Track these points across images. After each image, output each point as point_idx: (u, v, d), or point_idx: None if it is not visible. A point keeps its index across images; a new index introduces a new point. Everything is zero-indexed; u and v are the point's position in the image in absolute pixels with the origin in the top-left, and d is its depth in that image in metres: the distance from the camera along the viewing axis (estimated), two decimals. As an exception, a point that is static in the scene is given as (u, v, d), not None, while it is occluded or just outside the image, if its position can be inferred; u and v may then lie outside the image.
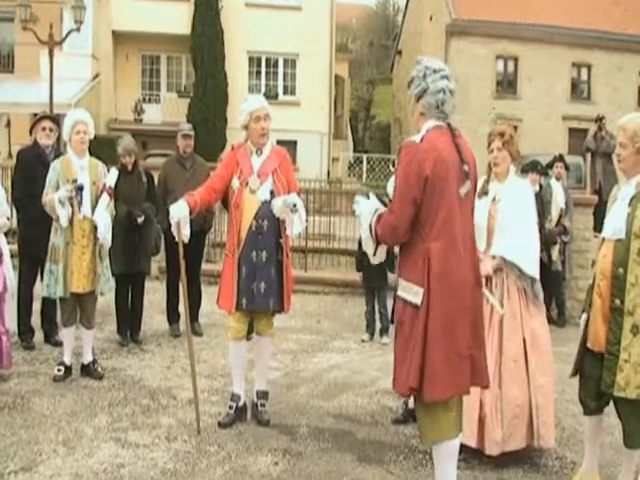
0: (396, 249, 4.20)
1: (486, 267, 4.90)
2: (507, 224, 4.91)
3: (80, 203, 6.11)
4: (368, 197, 4.16)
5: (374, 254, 4.11)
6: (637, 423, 4.18)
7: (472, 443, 4.80)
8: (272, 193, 5.29)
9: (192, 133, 8.14)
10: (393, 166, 20.42)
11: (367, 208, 4.05)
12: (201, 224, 7.44)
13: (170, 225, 5.30)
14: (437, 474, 3.98)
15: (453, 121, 3.92)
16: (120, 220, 7.03)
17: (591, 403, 4.35)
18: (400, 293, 3.88)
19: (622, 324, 4.06)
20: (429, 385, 3.72)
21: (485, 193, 5.11)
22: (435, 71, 3.87)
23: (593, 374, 4.23)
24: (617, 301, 4.09)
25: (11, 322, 6.52)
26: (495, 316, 4.88)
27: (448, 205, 3.77)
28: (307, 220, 6.15)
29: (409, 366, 3.75)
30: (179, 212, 5.13)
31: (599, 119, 14.76)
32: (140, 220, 7.38)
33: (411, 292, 3.78)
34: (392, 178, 11.71)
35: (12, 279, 6.37)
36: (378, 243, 4.00)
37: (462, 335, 3.80)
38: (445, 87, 3.85)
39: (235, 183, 5.31)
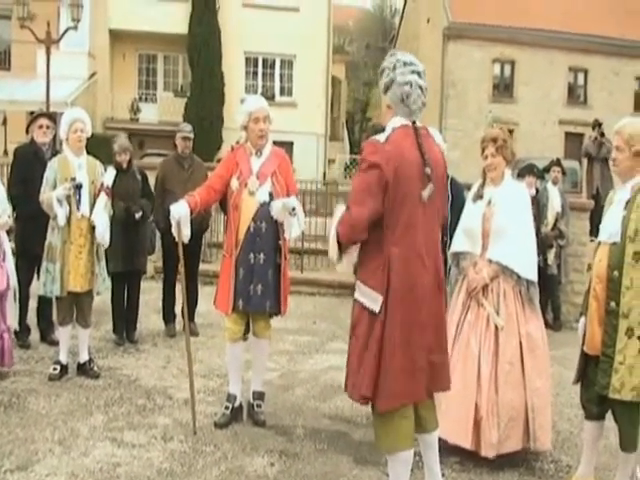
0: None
1: (483, 275, 4.92)
2: (503, 228, 4.90)
3: (78, 202, 6.11)
4: None
5: (339, 259, 3.90)
6: (632, 426, 4.22)
7: (467, 445, 4.80)
8: (271, 195, 5.29)
9: (192, 135, 8.13)
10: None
11: (337, 213, 3.88)
12: (199, 223, 7.43)
13: (168, 225, 5.31)
14: None
15: (434, 124, 3.89)
16: (118, 216, 7.03)
17: (593, 408, 4.36)
18: (358, 296, 3.76)
19: (617, 327, 4.09)
20: (382, 396, 3.63)
21: (480, 197, 5.10)
22: (405, 64, 3.75)
23: (594, 379, 4.24)
24: (612, 304, 4.12)
25: (13, 320, 6.51)
26: (491, 320, 4.89)
27: (410, 210, 3.65)
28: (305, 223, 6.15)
29: (363, 374, 3.64)
30: (180, 212, 5.13)
31: (597, 125, 14.74)
32: (138, 216, 7.39)
33: (370, 297, 3.68)
34: None
35: (14, 277, 6.36)
36: (340, 244, 3.81)
37: (421, 344, 3.69)
38: (413, 81, 3.70)
39: (234, 184, 5.31)
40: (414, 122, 3.76)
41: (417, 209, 3.67)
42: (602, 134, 14.49)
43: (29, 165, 7.00)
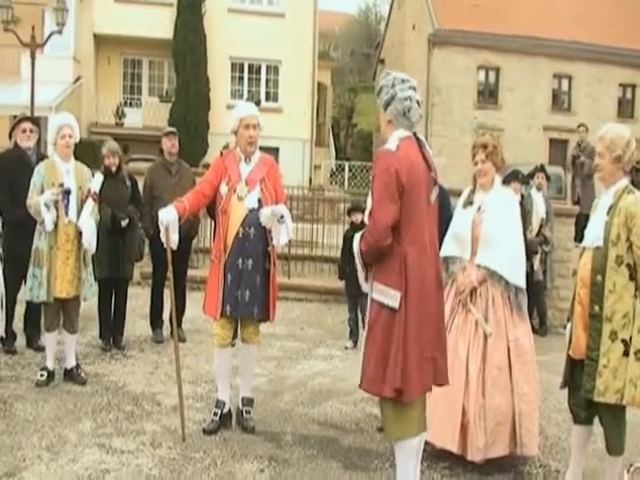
0: None
1: (471, 279, 4.95)
2: (492, 234, 4.94)
3: (67, 207, 6.09)
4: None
5: (366, 280, 4.09)
6: (618, 429, 4.28)
7: (454, 449, 4.83)
8: (260, 202, 5.30)
9: (175, 130, 8.15)
10: (373, 176, 20.43)
11: (355, 243, 4.10)
12: (187, 229, 7.41)
13: (156, 231, 5.31)
14: (398, 471, 4.08)
15: (420, 131, 4.11)
16: (104, 223, 6.99)
17: (581, 412, 4.40)
18: (375, 296, 3.97)
19: (601, 330, 4.16)
20: (409, 386, 3.87)
21: (470, 203, 5.15)
22: (403, 81, 4.08)
23: (581, 383, 4.27)
24: (596, 308, 4.18)
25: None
26: (480, 325, 4.92)
27: (419, 211, 3.96)
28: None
29: (393, 368, 3.84)
30: (168, 217, 5.13)
31: (581, 125, 14.72)
32: (124, 223, 7.35)
33: (388, 295, 3.89)
34: None
35: (1, 284, 6.32)
36: (365, 264, 4.03)
37: (427, 338, 3.94)
38: (412, 96, 4.03)
39: (223, 189, 5.32)
40: (414, 133, 4.08)
41: (424, 211, 3.99)
42: (582, 148, 14.14)
43: (14, 170, 6.94)
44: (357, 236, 4.10)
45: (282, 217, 5.23)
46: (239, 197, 5.28)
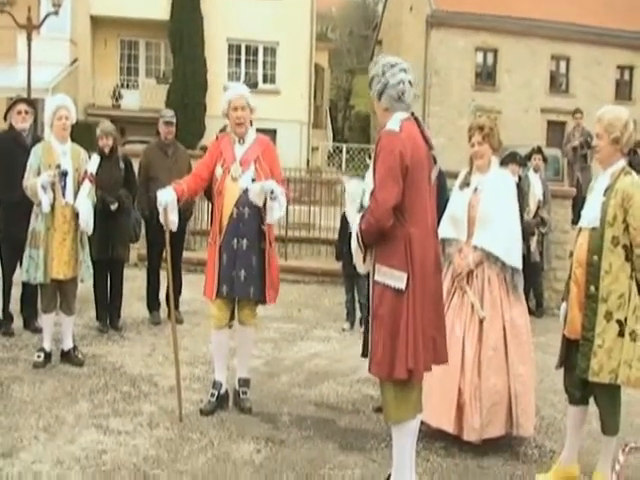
0: None
1: (468, 261, 4.96)
2: (489, 215, 4.95)
3: (64, 189, 6.07)
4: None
5: (364, 261, 4.07)
6: (612, 409, 4.31)
7: (450, 429, 4.86)
8: (254, 181, 5.30)
9: (174, 120, 8.08)
10: (369, 158, 20.35)
11: (353, 189, 4.11)
12: (183, 211, 7.37)
13: (151, 211, 5.30)
14: (395, 452, 4.07)
15: (417, 112, 4.12)
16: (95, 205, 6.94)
17: (576, 392, 4.42)
18: (379, 278, 3.93)
19: (596, 310, 4.18)
20: (418, 366, 3.89)
21: (467, 184, 5.16)
22: (392, 65, 4.04)
23: (576, 363, 4.29)
24: (592, 288, 4.20)
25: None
26: (475, 308, 4.93)
27: (422, 191, 3.97)
28: (287, 208, 6.17)
29: (404, 349, 3.84)
30: (167, 198, 5.13)
31: (577, 112, 14.75)
32: (113, 207, 7.29)
33: (393, 277, 3.87)
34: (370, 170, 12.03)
35: None
36: (365, 246, 3.98)
37: (428, 317, 3.95)
38: (403, 79, 4.00)
39: (218, 171, 5.33)
40: (412, 113, 4.08)
41: (426, 191, 4.00)
42: (587, 145, 13.96)
43: (9, 151, 6.92)
44: (357, 216, 4.07)
45: (272, 192, 5.21)
46: (233, 178, 5.28)
